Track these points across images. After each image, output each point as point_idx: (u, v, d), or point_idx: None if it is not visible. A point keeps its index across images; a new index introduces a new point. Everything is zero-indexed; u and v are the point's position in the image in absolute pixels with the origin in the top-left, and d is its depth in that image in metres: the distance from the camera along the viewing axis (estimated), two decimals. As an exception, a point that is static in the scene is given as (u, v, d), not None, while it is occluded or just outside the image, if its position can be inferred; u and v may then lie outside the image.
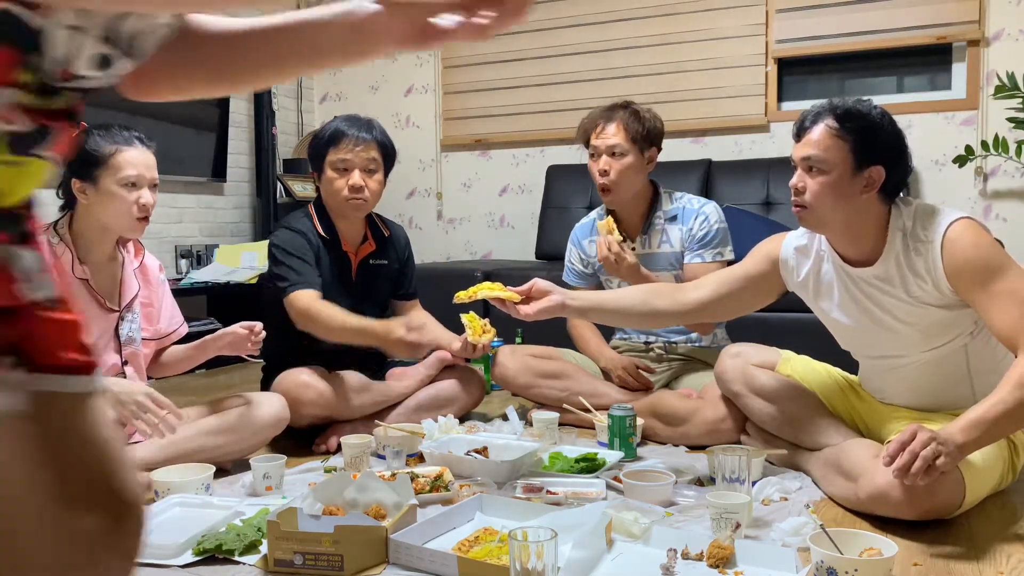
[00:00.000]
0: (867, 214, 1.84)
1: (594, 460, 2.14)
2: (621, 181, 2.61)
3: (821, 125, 1.82)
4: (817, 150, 1.82)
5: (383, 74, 5.20)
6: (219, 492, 2.02)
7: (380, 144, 2.60)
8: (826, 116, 1.83)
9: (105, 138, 2.00)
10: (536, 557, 1.34)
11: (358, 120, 2.63)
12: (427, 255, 5.06)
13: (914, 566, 1.55)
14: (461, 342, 2.61)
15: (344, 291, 2.61)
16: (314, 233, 2.60)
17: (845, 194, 1.81)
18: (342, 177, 2.56)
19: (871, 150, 1.80)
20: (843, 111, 1.81)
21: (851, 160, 1.80)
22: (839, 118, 1.81)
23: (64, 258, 1.98)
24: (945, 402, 1.89)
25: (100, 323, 2.04)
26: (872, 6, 4.11)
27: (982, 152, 3.81)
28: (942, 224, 1.77)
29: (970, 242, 1.74)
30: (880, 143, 1.81)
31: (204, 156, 4.45)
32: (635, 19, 4.55)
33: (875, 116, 1.82)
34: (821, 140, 1.82)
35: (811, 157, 1.82)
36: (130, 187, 1.99)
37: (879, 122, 1.81)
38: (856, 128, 1.80)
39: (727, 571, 1.52)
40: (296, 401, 2.36)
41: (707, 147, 4.46)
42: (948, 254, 1.75)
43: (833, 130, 1.81)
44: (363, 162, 2.56)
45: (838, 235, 1.91)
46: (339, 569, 1.53)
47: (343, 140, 2.56)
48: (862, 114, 1.81)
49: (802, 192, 1.85)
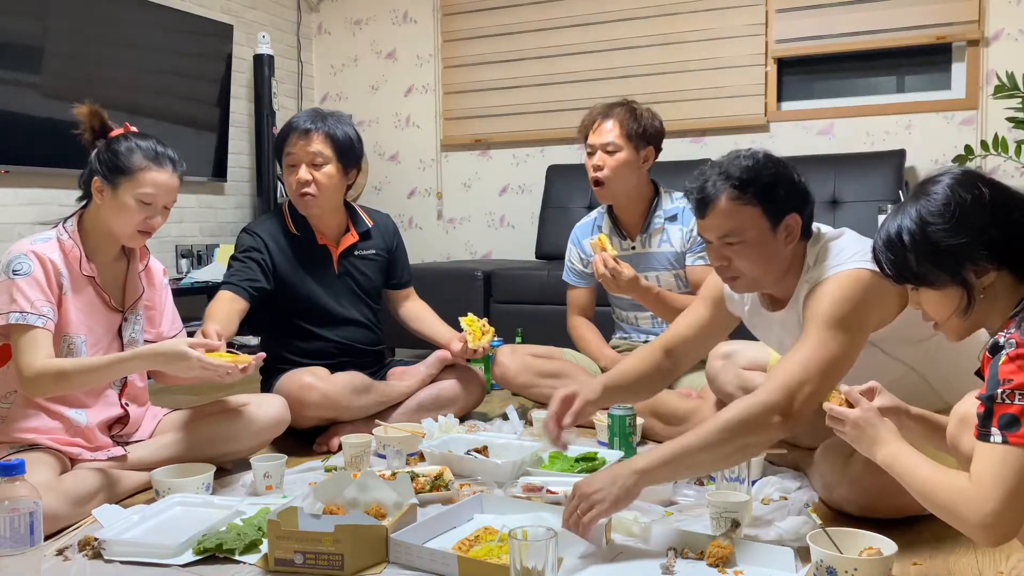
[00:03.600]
0: (791, 261, 1.79)
1: (594, 459, 2.14)
2: (613, 176, 2.62)
3: (723, 200, 1.72)
4: (730, 226, 1.73)
5: (383, 74, 5.20)
6: (220, 492, 2.02)
7: (328, 135, 2.52)
8: (724, 188, 1.72)
9: (143, 152, 1.99)
10: (537, 556, 1.34)
11: (313, 113, 2.58)
12: (427, 255, 5.06)
13: (914, 565, 1.56)
14: (461, 342, 2.61)
15: (324, 284, 2.61)
16: (282, 232, 2.59)
17: (772, 254, 1.75)
18: (291, 173, 2.54)
19: (780, 203, 1.73)
20: (739, 179, 1.71)
21: (766, 221, 1.72)
22: (738, 186, 1.71)
23: (72, 255, 1.98)
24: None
25: (104, 321, 2.05)
26: (872, 6, 4.11)
27: (982, 152, 3.81)
28: (831, 269, 1.71)
29: (834, 290, 1.67)
30: (784, 192, 1.73)
31: (205, 156, 4.45)
32: (635, 19, 4.54)
33: (770, 168, 1.73)
34: (730, 213, 1.72)
35: (726, 233, 1.74)
36: (144, 205, 2.00)
37: (775, 171, 1.73)
38: (758, 189, 1.71)
39: (727, 570, 1.52)
40: (300, 403, 2.36)
41: (707, 147, 4.46)
42: (813, 294, 1.70)
43: (738, 200, 1.71)
44: (307, 156, 2.51)
45: (771, 287, 1.86)
46: (339, 568, 1.53)
47: (290, 134, 2.54)
48: (758, 171, 1.72)
49: (728, 267, 1.78)
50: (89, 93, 2.11)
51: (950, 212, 1.34)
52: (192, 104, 4.40)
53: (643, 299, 2.58)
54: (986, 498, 1.23)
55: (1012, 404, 1.23)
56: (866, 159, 3.98)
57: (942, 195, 1.36)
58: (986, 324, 1.38)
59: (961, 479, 1.29)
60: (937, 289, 1.38)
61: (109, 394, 2.07)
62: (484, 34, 4.89)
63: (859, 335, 1.66)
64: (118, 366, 1.91)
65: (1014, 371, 1.23)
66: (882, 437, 1.42)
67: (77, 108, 2.04)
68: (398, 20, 5.14)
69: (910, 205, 1.39)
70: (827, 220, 3.82)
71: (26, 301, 1.87)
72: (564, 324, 2.91)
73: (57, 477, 1.84)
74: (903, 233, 1.38)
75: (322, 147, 2.52)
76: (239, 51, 4.72)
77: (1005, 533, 1.26)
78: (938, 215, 1.35)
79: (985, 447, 1.26)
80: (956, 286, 1.35)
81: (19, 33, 3.50)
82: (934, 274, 1.37)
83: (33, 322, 1.86)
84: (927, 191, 1.39)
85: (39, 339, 1.87)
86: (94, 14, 3.81)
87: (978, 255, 1.33)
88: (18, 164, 3.54)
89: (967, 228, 1.33)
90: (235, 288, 2.45)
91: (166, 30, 4.17)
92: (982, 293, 1.35)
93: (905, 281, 1.42)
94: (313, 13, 5.36)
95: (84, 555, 1.65)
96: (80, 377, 1.88)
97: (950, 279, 1.35)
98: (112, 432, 2.08)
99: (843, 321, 1.65)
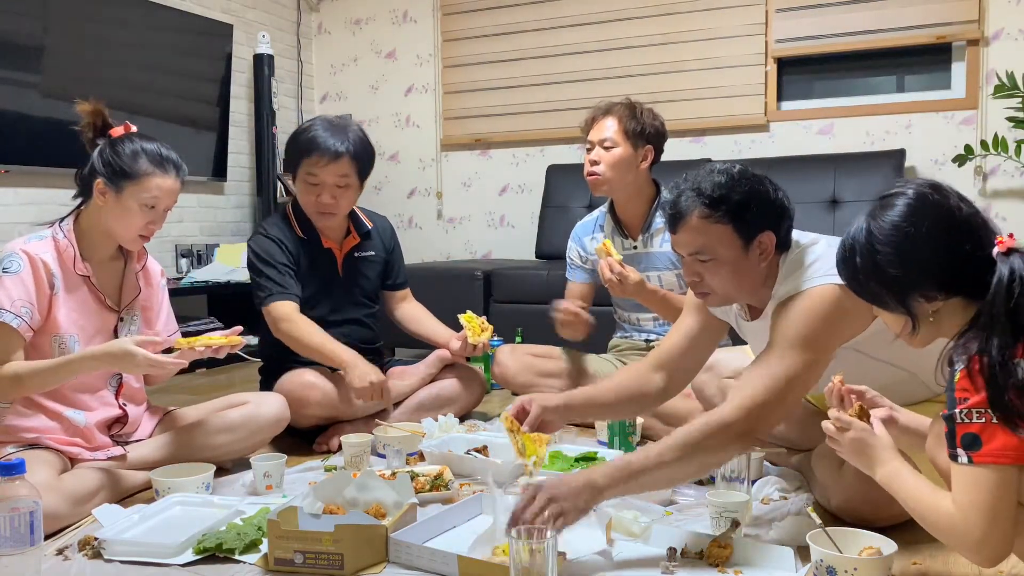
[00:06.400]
0: (766, 274, 1.76)
1: (594, 459, 2.14)
2: (608, 173, 2.62)
3: (693, 217, 1.69)
4: (701, 243, 1.70)
5: (383, 73, 5.20)
6: (219, 491, 2.02)
7: (354, 157, 2.50)
8: (695, 205, 1.69)
9: (148, 156, 1.99)
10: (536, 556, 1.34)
11: (335, 128, 2.52)
12: (427, 255, 5.06)
13: (913, 565, 1.56)
14: (460, 340, 2.61)
15: (331, 287, 2.61)
16: (291, 236, 2.58)
17: (744, 271, 1.72)
18: (312, 192, 2.51)
19: (753, 221, 1.69)
20: (710, 196, 1.68)
21: (738, 239, 1.69)
22: (710, 204, 1.68)
23: (67, 254, 1.98)
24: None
25: (98, 321, 2.04)
26: (872, 6, 4.11)
27: (981, 151, 3.81)
28: (803, 284, 1.67)
29: (800, 308, 1.65)
30: (758, 209, 1.69)
31: (204, 155, 4.45)
32: (635, 19, 4.54)
33: (743, 185, 1.69)
34: (700, 231, 1.69)
35: (699, 252, 1.71)
36: (148, 209, 1.99)
37: (749, 189, 1.69)
38: (730, 208, 1.67)
39: (727, 570, 1.52)
40: (301, 402, 2.36)
41: (707, 147, 4.46)
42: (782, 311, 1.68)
43: (708, 218, 1.68)
44: (334, 179, 2.49)
45: (746, 300, 1.84)
46: (339, 568, 1.53)
47: (315, 153, 2.47)
48: (731, 189, 1.68)
49: (699, 284, 1.75)
50: (89, 93, 2.10)
51: (898, 241, 1.31)
52: (192, 104, 4.41)
53: (649, 302, 2.57)
54: (971, 524, 1.23)
55: (971, 423, 1.22)
56: (866, 159, 3.98)
57: (894, 219, 1.32)
58: (943, 335, 1.36)
59: (945, 502, 1.28)
60: (885, 310, 1.37)
61: (106, 394, 2.07)
62: (484, 34, 4.89)
63: (823, 354, 1.64)
64: (69, 367, 1.88)
65: (968, 388, 1.23)
66: (880, 457, 1.40)
67: (80, 104, 2.03)
68: (398, 20, 5.14)
69: (866, 221, 1.36)
70: (827, 220, 3.84)
71: (7, 299, 1.86)
72: (564, 324, 2.91)
73: (57, 476, 1.84)
74: (856, 251, 1.35)
75: (349, 170, 2.50)
76: (239, 51, 4.72)
77: (998, 554, 1.25)
78: (886, 243, 1.32)
79: (957, 469, 1.25)
80: (902, 312, 1.33)
81: (19, 33, 3.50)
82: (881, 297, 1.35)
83: (8, 320, 1.86)
84: (884, 208, 1.35)
85: (11, 339, 1.87)
86: (94, 14, 3.81)
87: (925, 285, 1.30)
88: (18, 164, 3.54)
89: (914, 260, 1.30)
90: (294, 298, 2.49)
91: (166, 30, 4.18)
92: (931, 317, 1.33)
93: (860, 295, 1.40)
94: (313, 13, 5.36)
95: (84, 554, 1.65)
96: (34, 380, 1.87)
97: (897, 304, 1.33)
98: (112, 432, 2.08)
99: (808, 340, 1.62)
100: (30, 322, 1.89)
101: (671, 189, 1.77)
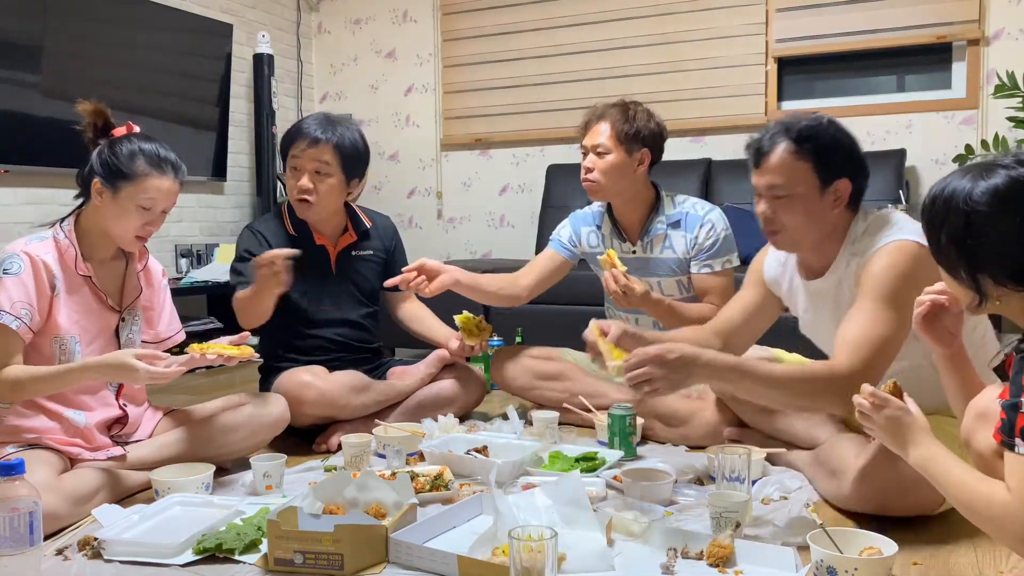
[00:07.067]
0: (835, 227, 1.82)
1: (594, 459, 2.14)
2: (602, 180, 2.59)
3: (779, 150, 1.78)
4: (781, 176, 1.78)
5: (383, 73, 5.20)
6: (219, 491, 2.02)
7: (336, 146, 2.51)
8: (782, 139, 1.78)
9: (145, 157, 1.98)
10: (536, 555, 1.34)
11: (324, 120, 2.56)
12: (427, 254, 5.00)
13: (914, 565, 1.56)
14: (458, 340, 2.61)
15: (321, 284, 2.61)
16: (280, 232, 2.59)
17: (817, 213, 1.79)
18: (294, 177, 2.55)
19: (834, 165, 1.77)
20: (798, 132, 1.77)
21: (816, 179, 1.77)
22: (796, 140, 1.76)
23: (68, 254, 1.98)
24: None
25: (99, 321, 2.04)
26: (872, 5, 4.11)
27: (982, 151, 3.80)
28: (884, 239, 1.74)
29: (886, 262, 1.71)
30: (841, 156, 1.78)
31: (204, 155, 4.45)
32: (634, 18, 4.54)
33: (831, 130, 1.79)
34: (783, 164, 1.78)
35: (776, 185, 1.78)
36: (144, 211, 1.99)
37: (836, 135, 1.79)
38: (815, 147, 1.76)
39: (727, 570, 1.52)
40: (298, 401, 2.36)
41: (707, 147, 4.46)
42: (868, 265, 1.74)
43: (793, 153, 1.77)
44: (313, 164, 2.50)
45: (809, 251, 1.89)
46: (339, 568, 1.53)
47: (297, 139, 2.53)
48: (818, 131, 1.77)
49: (772, 220, 1.82)
50: (89, 92, 2.10)
51: (996, 214, 1.25)
52: (192, 103, 4.40)
53: (655, 312, 2.55)
54: None
55: None
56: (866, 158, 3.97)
57: (1004, 180, 1.26)
58: (1009, 316, 1.32)
59: (999, 490, 1.25)
60: (955, 280, 1.34)
61: (106, 395, 2.07)
62: (484, 33, 4.89)
63: (910, 310, 1.58)
64: (68, 376, 1.88)
65: None
66: (915, 438, 1.39)
67: (81, 104, 2.03)
68: (398, 19, 5.14)
69: (971, 181, 1.29)
70: (827, 220, 3.83)
71: (7, 301, 1.86)
72: (564, 324, 2.90)
73: (57, 476, 1.84)
74: (953, 198, 1.29)
75: (329, 157, 2.51)
76: (239, 50, 4.72)
77: None
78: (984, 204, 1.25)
79: (1013, 458, 1.23)
80: (971, 288, 1.30)
81: (19, 33, 3.50)
82: (955, 267, 1.31)
83: (8, 322, 1.85)
84: (987, 173, 1.28)
85: (10, 341, 1.87)
86: (94, 14, 3.81)
87: (998, 271, 1.27)
88: (18, 164, 3.54)
89: (998, 240, 1.25)
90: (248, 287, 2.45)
91: (166, 30, 4.17)
92: (999, 300, 1.30)
93: (936, 258, 1.35)
94: (313, 12, 5.36)
95: (84, 555, 1.65)
96: (33, 386, 1.87)
97: (968, 278, 1.29)
98: (112, 432, 2.08)
99: (894, 297, 1.67)
100: (29, 324, 1.89)
101: (760, 131, 1.84)
